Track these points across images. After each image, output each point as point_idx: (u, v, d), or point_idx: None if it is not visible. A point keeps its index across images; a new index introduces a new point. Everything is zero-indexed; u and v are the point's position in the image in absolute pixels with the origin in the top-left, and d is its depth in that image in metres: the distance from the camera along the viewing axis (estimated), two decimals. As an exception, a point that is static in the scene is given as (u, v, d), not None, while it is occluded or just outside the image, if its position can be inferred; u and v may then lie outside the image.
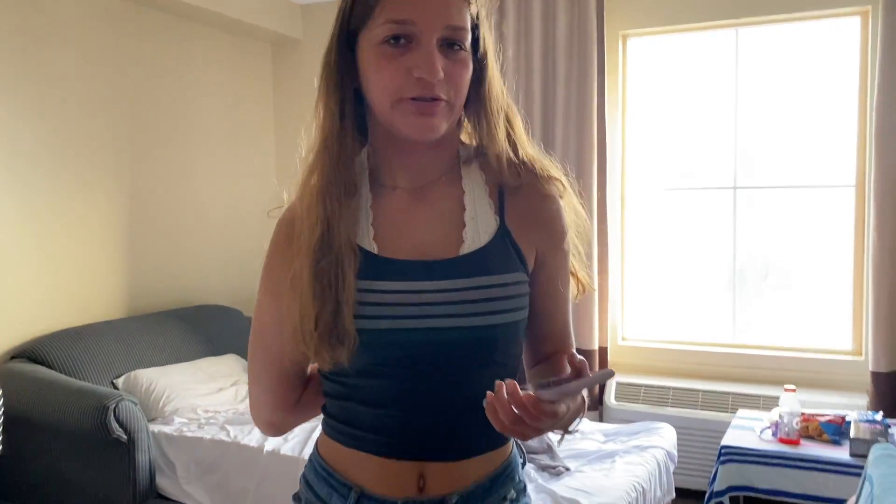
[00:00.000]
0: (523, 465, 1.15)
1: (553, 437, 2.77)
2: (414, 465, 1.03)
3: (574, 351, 0.95)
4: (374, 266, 1.04)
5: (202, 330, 3.75)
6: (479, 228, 1.05)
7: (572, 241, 1.14)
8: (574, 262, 1.15)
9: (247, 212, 4.28)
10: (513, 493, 1.09)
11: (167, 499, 2.91)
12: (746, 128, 3.78)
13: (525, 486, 1.13)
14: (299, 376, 1.13)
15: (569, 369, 0.95)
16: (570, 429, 1.02)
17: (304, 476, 1.13)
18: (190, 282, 4.03)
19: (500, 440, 1.09)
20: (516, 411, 0.85)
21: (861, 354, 3.55)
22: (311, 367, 1.14)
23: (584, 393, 0.94)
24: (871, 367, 3.37)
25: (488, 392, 0.87)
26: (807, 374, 3.57)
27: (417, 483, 1.03)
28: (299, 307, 1.02)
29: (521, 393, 0.85)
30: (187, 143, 4.03)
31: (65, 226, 3.43)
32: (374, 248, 1.05)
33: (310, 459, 1.13)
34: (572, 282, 1.16)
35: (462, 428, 1.03)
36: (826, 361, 3.60)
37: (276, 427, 1.17)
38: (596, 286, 3.81)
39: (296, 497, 1.13)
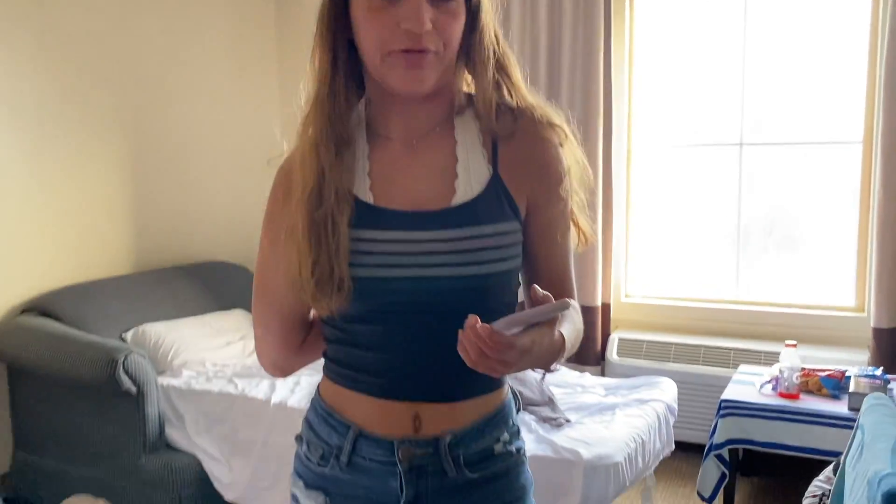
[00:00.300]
0: (518, 410, 1.17)
1: (535, 374, 2.82)
2: (409, 406, 1.07)
3: (543, 291, 0.96)
4: (369, 216, 1.06)
5: (209, 285, 3.79)
6: (470, 179, 1.06)
7: (573, 189, 1.13)
8: (575, 211, 1.15)
9: (252, 166, 4.28)
10: (506, 436, 1.12)
11: (177, 449, 2.97)
12: (754, 84, 3.74)
13: (518, 430, 1.16)
14: (301, 321, 1.16)
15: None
16: (552, 367, 1.05)
17: (306, 418, 1.17)
18: (196, 238, 4.06)
19: (494, 384, 1.12)
20: (479, 345, 0.87)
21: (863, 311, 3.56)
22: (313, 313, 1.17)
23: (566, 333, 0.95)
24: (872, 324, 3.38)
25: (460, 330, 0.89)
26: (809, 330, 3.59)
27: (413, 423, 1.07)
28: (296, 256, 1.05)
29: (478, 326, 0.87)
30: (191, 95, 4.02)
31: (70, 181, 3.45)
32: (369, 198, 1.07)
33: (312, 402, 1.16)
34: (573, 231, 1.16)
35: (455, 372, 1.04)
36: (828, 318, 3.62)
37: (281, 368, 1.21)
38: (600, 242, 3.82)
39: (298, 438, 1.17)
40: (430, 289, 1.03)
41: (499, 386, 1.13)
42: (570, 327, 1.00)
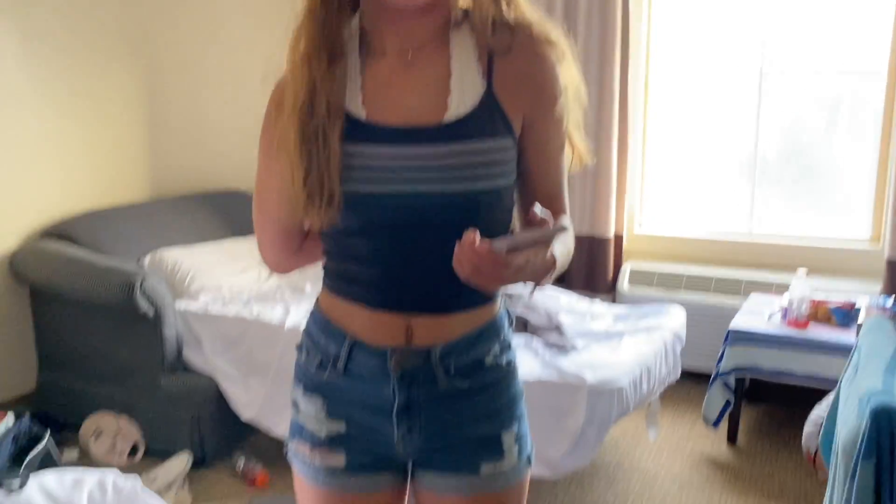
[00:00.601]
0: (511, 324, 1.20)
1: (524, 291, 2.83)
2: (402, 317, 1.09)
3: (541, 209, 0.97)
4: (360, 131, 1.06)
5: (226, 212, 3.83)
6: (464, 94, 1.06)
7: (569, 107, 1.12)
8: (571, 130, 1.14)
9: (269, 94, 4.26)
10: (497, 349, 1.14)
11: (194, 370, 3.06)
12: (777, 11, 3.63)
13: (510, 344, 1.18)
14: (298, 230, 1.19)
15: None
16: (542, 283, 1.06)
17: (306, 328, 1.21)
18: (213, 166, 4.08)
19: (485, 298, 1.13)
20: (474, 261, 0.89)
21: (879, 242, 3.54)
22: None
23: (558, 253, 0.96)
24: (887, 256, 3.36)
25: (457, 244, 0.91)
26: (823, 261, 3.58)
27: (406, 333, 1.09)
28: (288, 170, 1.06)
29: (477, 243, 0.89)
30: (208, 20, 3.97)
31: (86, 107, 3.46)
32: (361, 113, 1.07)
33: (311, 312, 1.20)
34: (568, 150, 1.16)
35: (446, 285, 1.07)
36: (843, 250, 3.60)
37: (283, 268, 1.25)
38: (614, 173, 3.80)
39: (298, 347, 1.21)
40: (421, 205, 1.04)
41: (491, 300, 1.15)
42: (562, 248, 1.01)
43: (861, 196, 3.62)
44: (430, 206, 1.05)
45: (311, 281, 3.52)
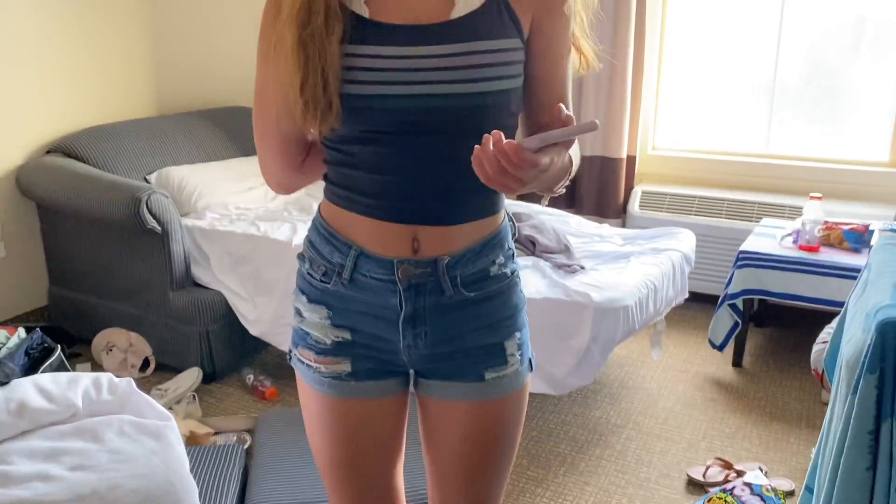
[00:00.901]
0: (514, 236, 1.19)
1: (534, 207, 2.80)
2: (408, 228, 1.08)
3: (567, 111, 0.94)
4: (364, 30, 1.02)
5: (232, 130, 3.79)
6: None
7: (577, 10, 1.10)
8: (577, 34, 1.12)
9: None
10: (501, 259, 1.14)
11: (203, 287, 3.08)
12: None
13: (513, 254, 1.17)
14: (299, 140, 1.15)
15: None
16: (555, 189, 1.05)
17: (307, 237, 1.19)
18: (218, 83, 4.02)
19: (491, 209, 1.13)
20: (500, 161, 0.87)
21: (897, 166, 3.47)
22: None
23: (575, 157, 0.95)
24: (905, 179, 3.30)
25: (476, 146, 0.89)
26: (839, 184, 3.51)
27: (412, 245, 1.08)
28: (285, 74, 1.02)
29: (504, 141, 0.86)
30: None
31: (91, 22, 3.39)
32: (364, 11, 1.03)
33: (313, 222, 1.18)
34: (575, 55, 1.14)
35: (453, 194, 1.07)
36: (860, 172, 3.52)
37: (286, 187, 1.20)
38: (629, 93, 3.70)
39: (300, 256, 1.19)
40: (426, 107, 1.01)
41: (496, 211, 1.14)
42: (575, 155, 1.01)
43: (881, 119, 3.52)
44: (436, 109, 1.02)
45: (317, 200, 3.50)
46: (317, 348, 1.15)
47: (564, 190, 1.08)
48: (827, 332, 2.47)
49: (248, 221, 3.19)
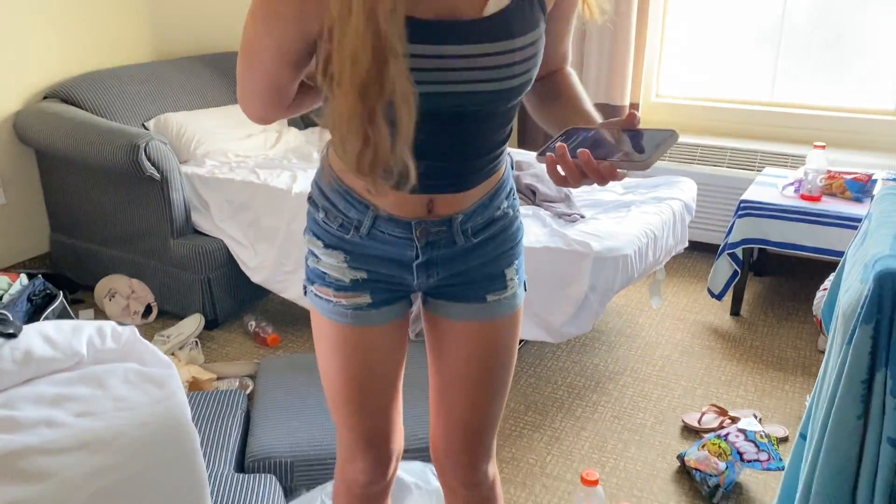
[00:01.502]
0: (512, 167, 1.26)
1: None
2: (423, 196, 1.13)
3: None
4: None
5: (231, 76, 3.74)
6: None
7: None
8: None
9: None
10: (505, 203, 1.22)
11: (204, 234, 3.08)
12: None
13: (513, 189, 1.25)
14: (292, 88, 1.12)
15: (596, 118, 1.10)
16: None
17: (318, 186, 1.19)
18: (216, 27, 3.95)
19: (499, 165, 1.19)
20: (588, 175, 0.93)
21: (903, 115, 3.43)
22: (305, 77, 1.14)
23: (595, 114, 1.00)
24: (910, 128, 3.26)
25: (549, 154, 0.96)
26: (843, 133, 3.48)
27: (426, 207, 1.14)
28: (338, 59, 0.95)
29: (594, 162, 0.92)
30: None
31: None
32: None
33: (323, 172, 1.17)
34: (581, 5, 1.16)
35: (468, 171, 1.13)
36: (865, 121, 3.49)
37: (267, 121, 1.17)
38: (632, 38, 3.64)
39: (311, 202, 1.20)
40: (455, 103, 1.04)
41: (503, 164, 1.20)
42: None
43: (888, 67, 3.47)
44: (464, 104, 1.04)
45: (317, 148, 3.48)
46: (335, 285, 1.20)
47: None
48: (831, 279, 2.48)
49: (247, 169, 3.17)
